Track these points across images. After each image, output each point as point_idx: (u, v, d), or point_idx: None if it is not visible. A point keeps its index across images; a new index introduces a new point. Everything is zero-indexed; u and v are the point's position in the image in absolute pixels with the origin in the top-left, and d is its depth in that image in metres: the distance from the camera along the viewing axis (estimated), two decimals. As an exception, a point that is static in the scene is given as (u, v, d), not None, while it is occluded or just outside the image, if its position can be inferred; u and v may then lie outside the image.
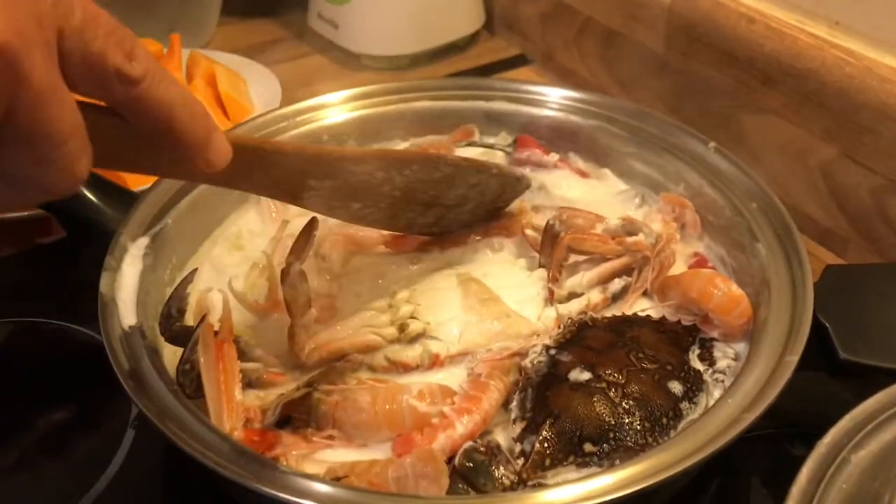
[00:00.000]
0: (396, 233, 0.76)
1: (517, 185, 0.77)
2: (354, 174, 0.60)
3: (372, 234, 0.79)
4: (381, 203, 0.64)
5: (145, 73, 0.44)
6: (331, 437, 0.60)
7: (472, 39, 1.35)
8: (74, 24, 0.41)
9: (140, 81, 0.43)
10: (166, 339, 0.65)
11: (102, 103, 0.45)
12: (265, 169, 0.56)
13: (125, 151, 0.47)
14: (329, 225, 0.75)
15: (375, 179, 0.61)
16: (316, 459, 0.58)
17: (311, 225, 0.66)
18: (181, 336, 0.63)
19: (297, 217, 0.81)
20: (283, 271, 0.63)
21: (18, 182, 0.41)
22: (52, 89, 0.39)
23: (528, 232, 0.78)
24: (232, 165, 0.49)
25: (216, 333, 0.61)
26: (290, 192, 0.60)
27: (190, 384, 0.60)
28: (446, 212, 0.70)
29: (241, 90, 1.09)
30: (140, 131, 0.45)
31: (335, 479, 0.55)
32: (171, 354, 0.65)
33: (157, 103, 0.44)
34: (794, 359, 0.59)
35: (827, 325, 0.64)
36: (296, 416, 0.61)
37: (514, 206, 0.82)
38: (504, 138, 0.93)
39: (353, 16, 1.24)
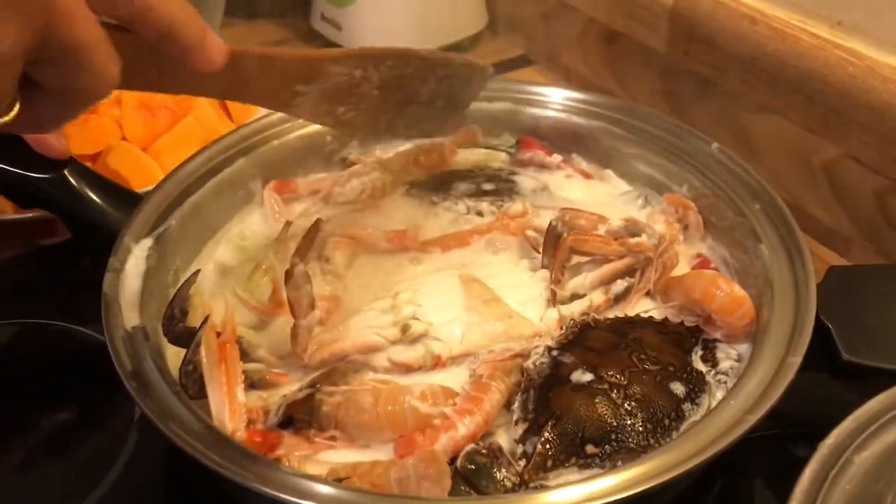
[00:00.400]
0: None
1: (483, 74, 0.78)
2: (336, 74, 0.65)
3: (374, 233, 0.79)
4: (363, 104, 0.68)
5: None
6: (333, 438, 0.60)
7: (474, 40, 1.35)
8: None
9: None
10: (169, 340, 0.65)
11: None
12: (259, 74, 0.61)
13: (138, 66, 0.52)
14: (331, 226, 0.75)
15: (355, 79, 0.66)
16: (318, 460, 0.58)
17: (316, 226, 0.66)
18: (184, 337, 0.63)
19: (301, 218, 0.82)
20: (286, 272, 0.64)
21: (64, 95, 0.48)
22: (77, 7, 0.45)
23: (530, 233, 0.78)
24: (230, 74, 0.57)
25: (219, 334, 0.61)
26: (282, 99, 0.65)
27: (193, 385, 0.60)
28: (422, 111, 0.73)
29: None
30: (147, 42, 0.51)
31: (337, 479, 0.55)
32: (175, 355, 0.65)
33: (158, 12, 0.50)
34: (796, 360, 0.59)
35: (830, 326, 0.64)
36: (298, 417, 0.61)
37: (517, 206, 0.82)
38: (507, 139, 0.93)
39: (356, 17, 1.24)
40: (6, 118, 0.47)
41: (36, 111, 0.48)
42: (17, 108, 0.47)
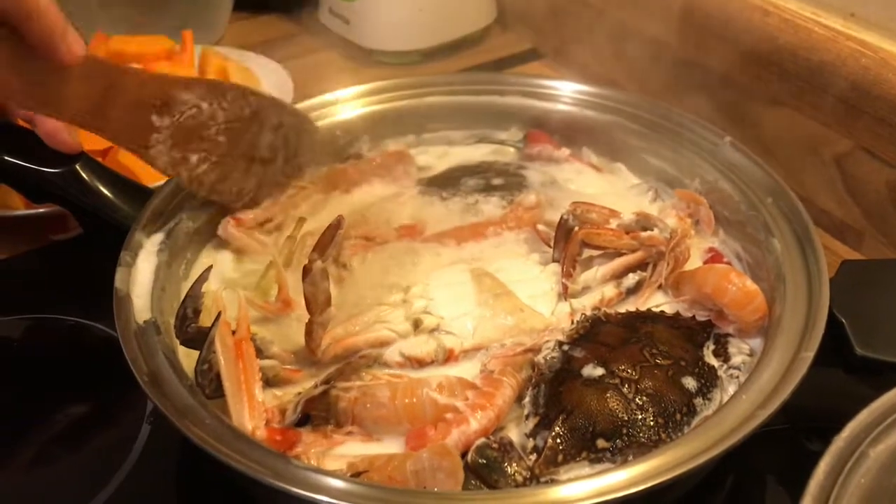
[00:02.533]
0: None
1: (311, 127, 0.82)
2: (186, 105, 0.68)
3: (386, 230, 0.80)
4: (213, 154, 0.71)
5: None
6: (350, 433, 0.60)
7: (483, 34, 1.34)
8: None
9: None
10: (181, 343, 0.65)
11: None
12: (114, 96, 0.64)
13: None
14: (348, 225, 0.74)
15: (202, 114, 0.69)
16: (335, 455, 0.58)
17: (337, 223, 0.66)
18: (196, 339, 0.63)
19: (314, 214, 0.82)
20: (304, 268, 0.64)
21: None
22: None
23: (540, 227, 0.78)
24: (86, 89, 0.60)
25: (233, 332, 0.61)
26: (138, 136, 0.68)
27: (209, 384, 0.60)
28: (264, 170, 0.77)
29: (253, 86, 1.09)
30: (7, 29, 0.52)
31: (356, 473, 0.55)
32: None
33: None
34: (809, 355, 0.59)
35: (843, 320, 0.64)
36: (315, 414, 0.62)
37: (530, 198, 0.82)
38: (514, 133, 0.93)
39: (365, 11, 1.24)
40: None
41: None
42: None
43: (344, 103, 0.90)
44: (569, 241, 0.74)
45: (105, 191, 0.78)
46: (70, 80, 0.58)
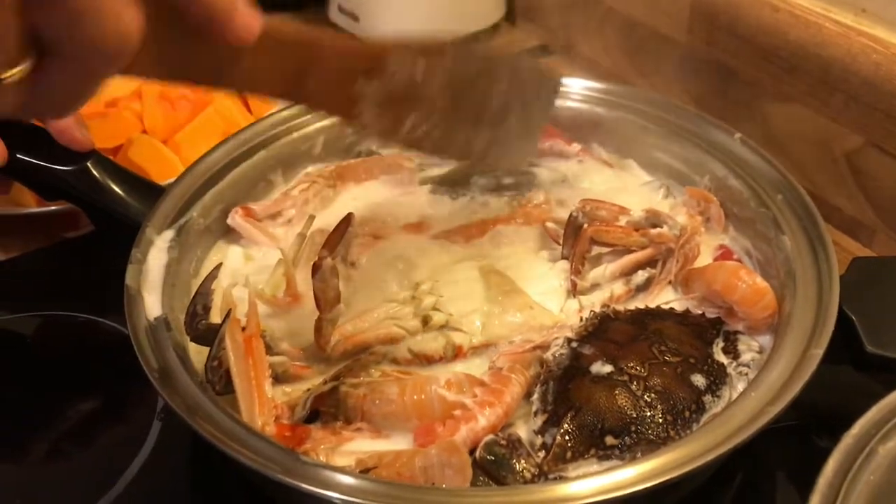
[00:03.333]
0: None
1: (551, 84, 0.73)
2: (395, 68, 0.59)
3: (394, 228, 0.80)
4: (434, 116, 0.63)
5: None
6: (359, 430, 0.60)
7: (492, 31, 1.34)
8: None
9: None
10: (192, 339, 0.65)
11: None
12: (312, 69, 0.55)
13: (166, 46, 0.46)
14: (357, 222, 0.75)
15: (416, 75, 0.60)
16: (344, 451, 0.58)
17: (347, 220, 0.66)
18: (207, 335, 0.63)
19: (322, 210, 0.82)
20: (314, 265, 0.64)
21: (76, 53, 0.41)
22: None
23: (549, 225, 0.78)
24: (274, 64, 0.51)
25: (243, 329, 0.61)
26: (343, 104, 0.60)
27: (219, 381, 0.60)
28: (495, 130, 0.68)
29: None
30: (170, 15, 0.45)
31: (365, 470, 0.55)
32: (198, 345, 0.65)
33: None
34: (819, 352, 0.59)
35: (853, 317, 0.64)
36: (324, 410, 0.62)
37: (539, 196, 0.82)
38: None
39: (374, 8, 1.24)
40: (15, 73, 0.40)
41: (51, 77, 0.42)
42: (27, 64, 0.41)
43: (354, 101, 0.90)
44: (578, 238, 0.74)
45: (116, 188, 0.78)
46: (249, 56, 0.49)
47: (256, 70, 0.51)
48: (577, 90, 0.90)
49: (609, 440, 0.58)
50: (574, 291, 0.73)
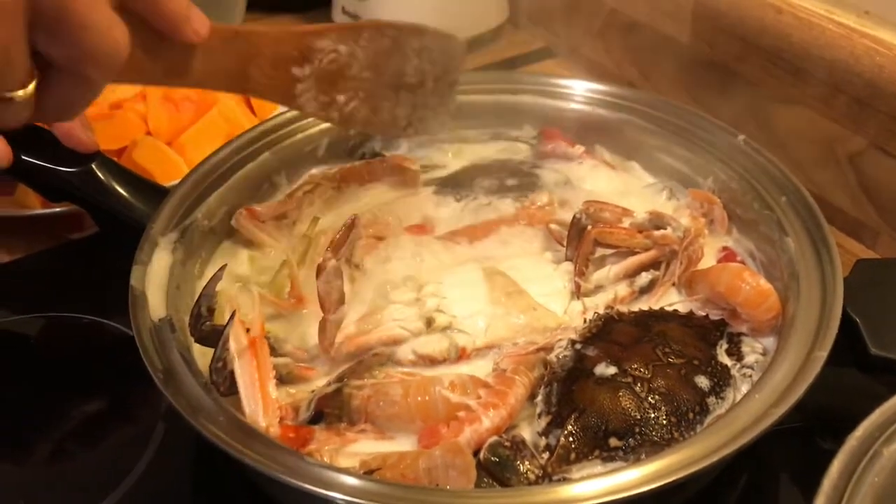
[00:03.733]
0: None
1: (457, 43, 0.78)
2: (323, 52, 0.66)
3: (397, 229, 0.80)
4: (360, 91, 0.70)
5: None
6: (363, 431, 0.61)
7: (496, 33, 1.34)
8: None
9: None
10: (196, 340, 0.65)
11: None
12: (254, 59, 0.63)
13: (133, 54, 0.52)
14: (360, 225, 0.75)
15: (342, 57, 0.67)
16: (348, 453, 0.58)
17: (352, 223, 0.66)
18: (211, 337, 0.63)
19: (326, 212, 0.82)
20: (319, 266, 0.64)
21: (76, 66, 0.47)
22: None
23: (553, 227, 0.78)
24: (223, 59, 0.60)
25: (247, 330, 0.61)
26: (283, 90, 0.67)
27: (223, 382, 0.60)
28: (415, 98, 0.74)
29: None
30: (134, 19, 0.51)
31: (369, 471, 0.55)
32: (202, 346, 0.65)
33: None
34: (822, 354, 0.59)
35: (857, 319, 0.64)
36: (328, 412, 0.62)
37: (542, 197, 0.82)
38: (528, 131, 0.93)
39: (377, 10, 1.24)
40: (25, 92, 0.47)
41: (54, 89, 0.48)
42: (34, 83, 0.47)
43: (357, 102, 0.90)
44: (582, 240, 0.74)
45: (121, 190, 0.79)
46: (202, 54, 0.58)
47: (208, 65, 0.59)
48: (580, 92, 0.91)
49: (613, 442, 0.58)
50: (578, 293, 0.73)
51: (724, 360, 0.65)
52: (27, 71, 0.46)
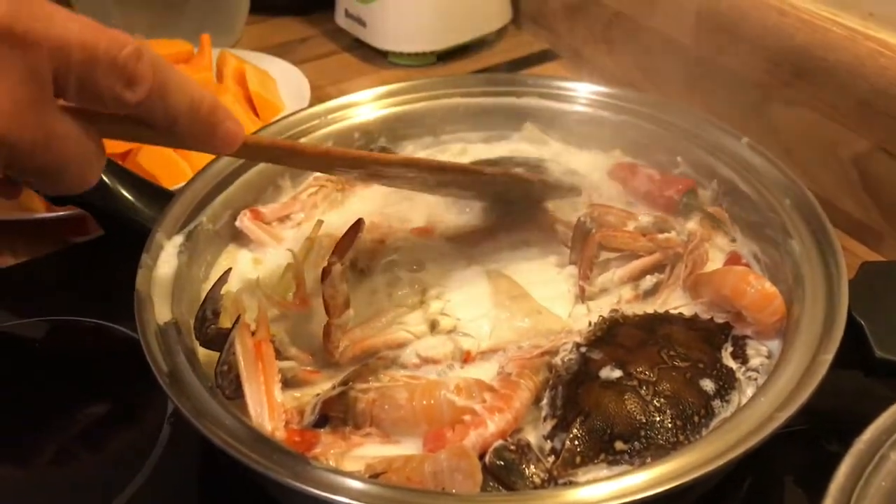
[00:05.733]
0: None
1: (564, 194, 0.77)
2: (382, 173, 0.64)
3: (401, 231, 0.80)
4: (418, 188, 0.68)
5: (146, 94, 0.48)
6: (368, 435, 0.61)
7: (498, 35, 1.35)
8: (73, 65, 0.45)
9: (140, 104, 0.48)
10: (201, 344, 0.65)
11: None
12: (290, 161, 0.63)
13: (144, 135, 0.53)
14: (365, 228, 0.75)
15: (406, 176, 0.65)
16: (353, 456, 0.59)
17: (357, 226, 0.66)
18: (216, 340, 0.63)
19: (330, 214, 0.83)
20: (324, 270, 0.64)
21: (44, 185, 0.50)
22: (46, 140, 0.45)
23: (559, 227, 0.78)
24: (261, 156, 0.59)
25: (253, 333, 0.61)
26: (324, 170, 0.67)
27: (229, 385, 0.60)
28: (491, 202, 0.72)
29: (271, 88, 1.10)
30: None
31: (374, 475, 0.55)
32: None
33: (161, 114, 0.50)
34: (828, 357, 0.58)
35: (862, 322, 0.64)
36: (333, 416, 0.62)
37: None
38: (531, 131, 0.93)
39: (381, 13, 1.25)
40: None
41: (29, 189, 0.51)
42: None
43: (362, 105, 0.90)
44: (586, 244, 0.74)
45: (125, 193, 0.79)
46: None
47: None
48: (583, 95, 0.91)
49: (618, 445, 0.58)
50: (582, 297, 0.73)
51: (729, 363, 0.65)
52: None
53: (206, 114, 0.51)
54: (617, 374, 0.62)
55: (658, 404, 0.60)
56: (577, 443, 0.58)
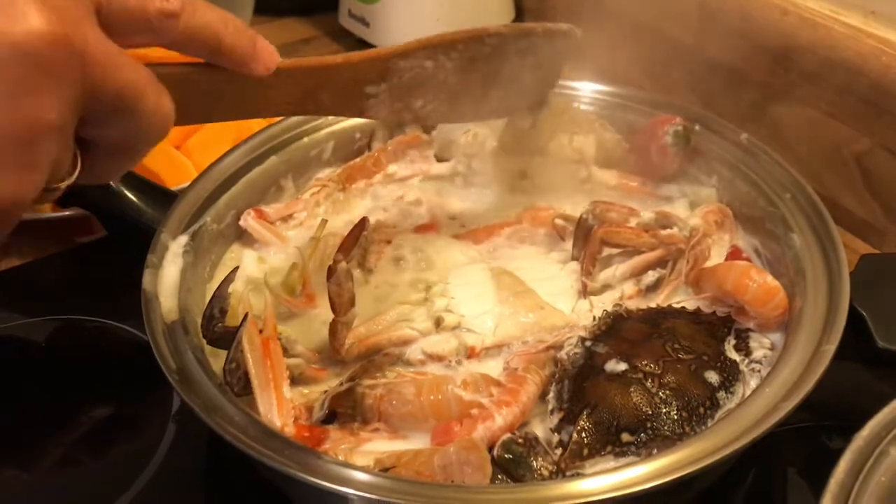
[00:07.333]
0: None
1: (567, 37, 0.75)
2: (405, 70, 0.62)
3: (404, 230, 0.81)
4: (441, 95, 0.65)
5: (183, 4, 0.48)
6: (376, 430, 0.61)
7: (500, 35, 1.35)
8: None
9: (181, 13, 0.48)
10: (208, 342, 0.65)
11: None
12: (323, 86, 0.60)
13: (192, 99, 0.52)
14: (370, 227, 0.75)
15: (427, 70, 0.63)
16: (362, 451, 0.59)
17: (362, 224, 0.66)
18: (224, 338, 0.63)
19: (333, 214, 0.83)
20: (329, 268, 0.64)
21: (122, 145, 0.47)
22: (111, 54, 0.43)
23: (558, 221, 0.79)
24: (293, 90, 0.57)
25: (260, 331, 0.62)
26: (352, 107, 0.63)
27: (237, 383, 0.61)
28: (507, 92, 0.69)
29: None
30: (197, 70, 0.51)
31: (384, 469, 0.55)
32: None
33: (202, 28, 0.50)
34: (831, 348, 0.59)
35: (864, 313, 0.64)
36: (342, 411, 0.62)
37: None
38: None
39: (384, 13, 1.25)
40: (68, 181, 0.46)
41: (96, 167, 0.47)
42: (77, 168, 0.46)
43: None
44: (588, 240, 0.74)
45: (130, 195, 0.79)
46: (268, 88, 0.56)
47: (274, 97, 0.57)
48: (585, 92, 0.91)
49: (625, 437, 0.58)
50: (585, 292, 0.73)
51: (733, 355, 0.65)
52: (73, 163, 0.45)
53: (241, 27, 0.52)
54: (622, 367, 0.62)
55: (663, 396, 0.60)
56: (584, 435, 0.58)
